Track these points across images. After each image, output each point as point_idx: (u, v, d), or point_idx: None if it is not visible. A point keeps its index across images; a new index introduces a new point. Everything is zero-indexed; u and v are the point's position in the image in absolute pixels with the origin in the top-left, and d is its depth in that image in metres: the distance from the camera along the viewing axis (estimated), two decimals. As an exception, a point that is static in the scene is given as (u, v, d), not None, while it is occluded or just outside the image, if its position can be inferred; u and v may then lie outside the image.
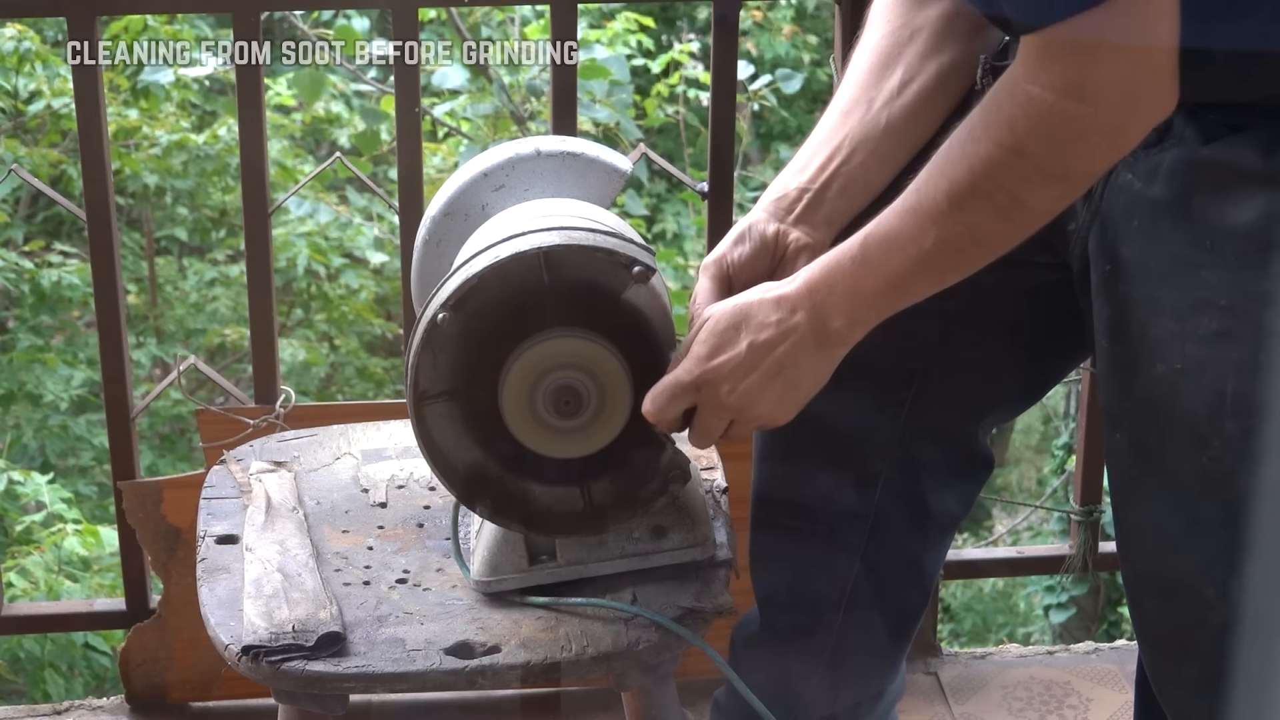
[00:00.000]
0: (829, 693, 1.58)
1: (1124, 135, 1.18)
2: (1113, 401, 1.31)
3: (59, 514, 3.98)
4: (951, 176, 1.22)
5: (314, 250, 5.37)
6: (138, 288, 5.88)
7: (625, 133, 4.65)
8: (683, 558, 1.43)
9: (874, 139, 1.41)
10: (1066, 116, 1.15)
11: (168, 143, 5.30)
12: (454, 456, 1.37)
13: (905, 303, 1.30)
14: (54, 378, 5.16)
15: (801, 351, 1.30)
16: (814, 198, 1.41)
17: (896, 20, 1.43)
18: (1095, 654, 2.35)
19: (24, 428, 5.11)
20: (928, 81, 1.41)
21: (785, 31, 6.65)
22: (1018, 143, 1.18)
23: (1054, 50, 1.15)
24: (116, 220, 2.10)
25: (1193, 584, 1.24)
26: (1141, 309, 1.25)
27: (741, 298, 1.33)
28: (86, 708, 2.24)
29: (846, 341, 1.31)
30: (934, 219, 1.23)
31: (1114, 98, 1.15)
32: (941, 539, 1.59)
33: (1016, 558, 2.47)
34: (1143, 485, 1.29)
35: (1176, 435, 1.23)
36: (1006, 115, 1.18)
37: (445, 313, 1.32)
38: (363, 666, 1.32)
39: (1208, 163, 1.22)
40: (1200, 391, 1.20)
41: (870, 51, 1.44)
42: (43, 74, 5.14)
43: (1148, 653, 1.34)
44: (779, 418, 1.34)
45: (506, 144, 1.51)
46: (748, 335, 1.31)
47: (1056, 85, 1.15)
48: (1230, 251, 1.19)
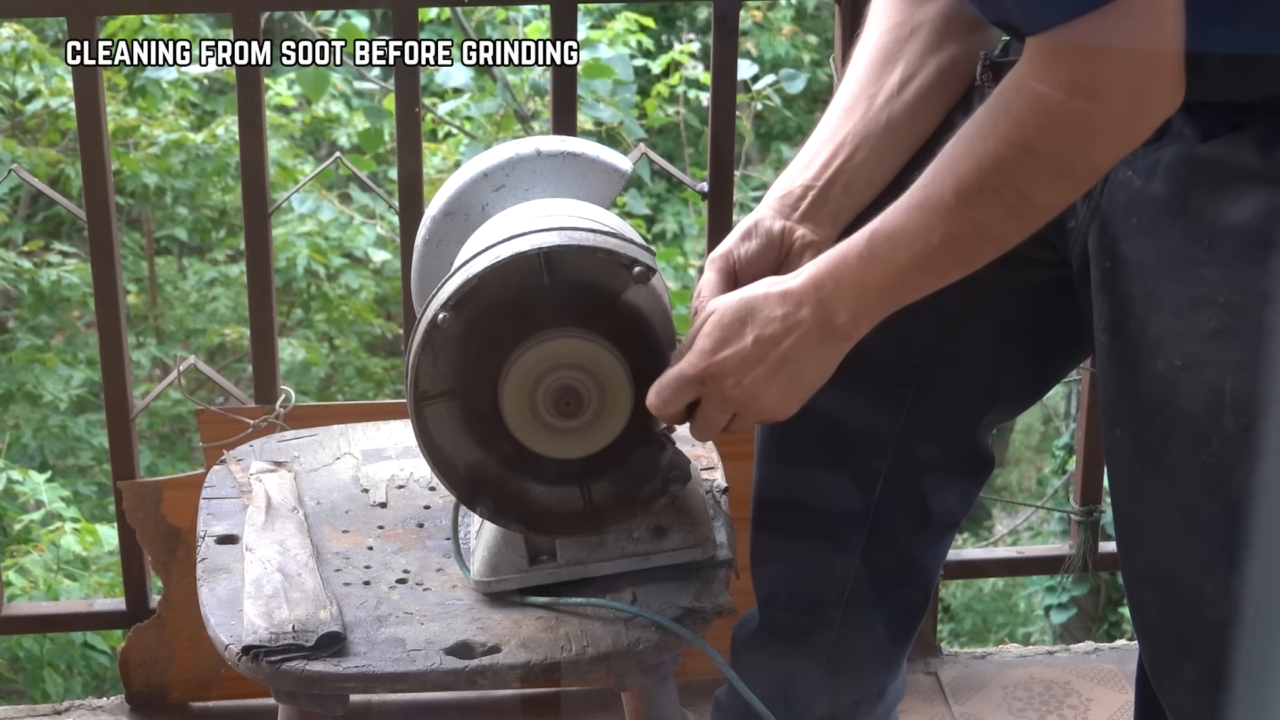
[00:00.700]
0: (829, 692, 1.58)
1: (1132, 131, 1.18)
2: (1112, 399, 1.31)
3: (57, 512, 3.98)
4: (959, 173, 1.22)
5: (314, 250, 5.37)
6: (137, 288, 5.87)
7: (629, 132, 4.65)
8: (683, 558, 1.43)
9: (876, 136, 1.41)
10: (1075, 114, 1.15)
11: (166, 142, 5.29)
12: (454, 457, 1.37)
13: (910, 298, 1.30)
14: (53, 378, 5.16)
15: (806, 346, 1.30)
16: (818, 195, 1.41)
17: (897, 17, 1.43)
18: (1095, 654, 2.35)
19: (23, 428, 5.11)
20: (929, 78, 1.41)
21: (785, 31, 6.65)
22: (1025, 140, 1.18)
23: (1060, 49, 1.15)
24: (116, 220, 2.09)
25: (1192, 581, 1.24)
26: (1141, 306, 1.26)
27: (747, 291, 1.33)
28: (86, 708, 2.24)
29: (851, 336, 1.31)
30: (941, 215, 1.24)
31: (1122, 94, 1.15)
32: (941, 538, 1.59)
33: (1016, 558, 2.47)
34: (1142, 482, 1.29)
35: (1176, 432, 1.23)
36: (1014, 114, 1.19)
37: (446, 313, 1.32)
38: (363, 666, 1.32)
39: (1206, 160, 1.22)
40: (1200, 388, 1.20)
41: (871, 48, 1.44)
42: (40, 73, 5.14)
43: (1147, 650, 1.34)
44: (781, 412, 1.34)
45: (506, 144, 1.51)
46: (754, 329, 1.31)
47: (1064, 83, 1.15)
48: (1228, 249, 1.20)
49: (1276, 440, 0.99)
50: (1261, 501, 0.92)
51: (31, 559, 3.88)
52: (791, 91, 4.84)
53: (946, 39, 1.41)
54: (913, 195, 1.26)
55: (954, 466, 1.54)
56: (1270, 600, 0.76)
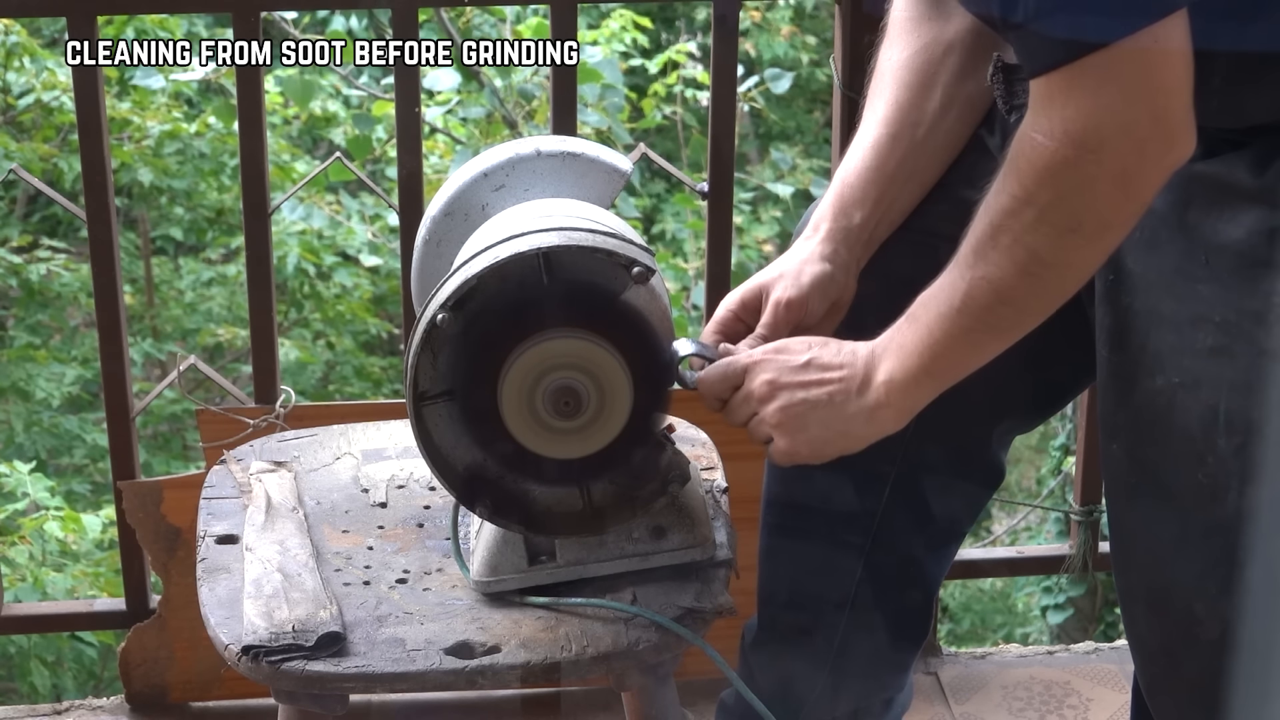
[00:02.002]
0: (835, 698, 1.58)
1: (1135, 183, 1.15)
2: (1110, 412, 1.30)
3: (40, 502, 3.97)
4: (976, 229, 1.21)
5: (305, 249, 5.36)
6: (133, 288, 5.87)
7: (617, 138, 4.64)
8: (682, 558, 1.43)
9: (921, 167, 1.42)
10: (1068, 164, 1.13)
11: (159, 133, 5.26)
12: (453, 457, 1.37)
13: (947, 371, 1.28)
14: (46, 375, 5.15)
15: (841, 391, 1.30)
16: (872, 234, 1.42)
17: (927, 35, 1.41)
18: (1095, 654, 2.35)
19: (14, 423, 5.10)
20: (966, 105, 1.40)
21: (784, 32, 6.64)
22: (1026, 192, 1.16)
23: (1052, 96, 1.13)
24: (116, 221, 2.09)
25: (1183, 599, 1.23)
26: (1143, 320, 1.25)
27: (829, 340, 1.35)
28: (86, 708, 2.24)
29: (883, 401, 1.30)
30: (963, 274, 1.23)
31: (1117, 144, 1.12)
32: (946, 545, 1.58)
33: (1016, 558, 2.47)
34: (1136, 497, 1.28)
35: (1172, 449, 1.23)
36: (1016, 164, 1.17)
37: (445, 313, 1.32)
38: (363, 666, 1.32)
39: (1201, 177, 1.21)
40: (1197, 406, 1.20)
41: (906, 69, 1.42)
42: (31, 68, 5.12)
43: (1140, 664, 1.34)
44: (791, 440, 1.34)
45: (507, 144, 1.51)
46: (813, 351, 1.33)
47: (1056, 132, 1.13)
48: (1224, 267, 1.19)
49: (1269, 462, 0.99)
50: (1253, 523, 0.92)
51: (17, 550, 3.87)
52: (777, 92, 4.83)
53: (980, 60, 1.39)
54: (954, 256, 1.25)
55: (962, 474, 1.54)
56: (1262, 622, 0.75)
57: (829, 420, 1.31)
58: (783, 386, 1.32)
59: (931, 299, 1.26)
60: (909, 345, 1.27)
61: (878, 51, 1.46)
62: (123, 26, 4.96)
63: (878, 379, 1.29)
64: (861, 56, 2.06)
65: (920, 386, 1.29)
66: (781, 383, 1.32)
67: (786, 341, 1.35)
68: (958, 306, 1.23)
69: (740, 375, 1.35)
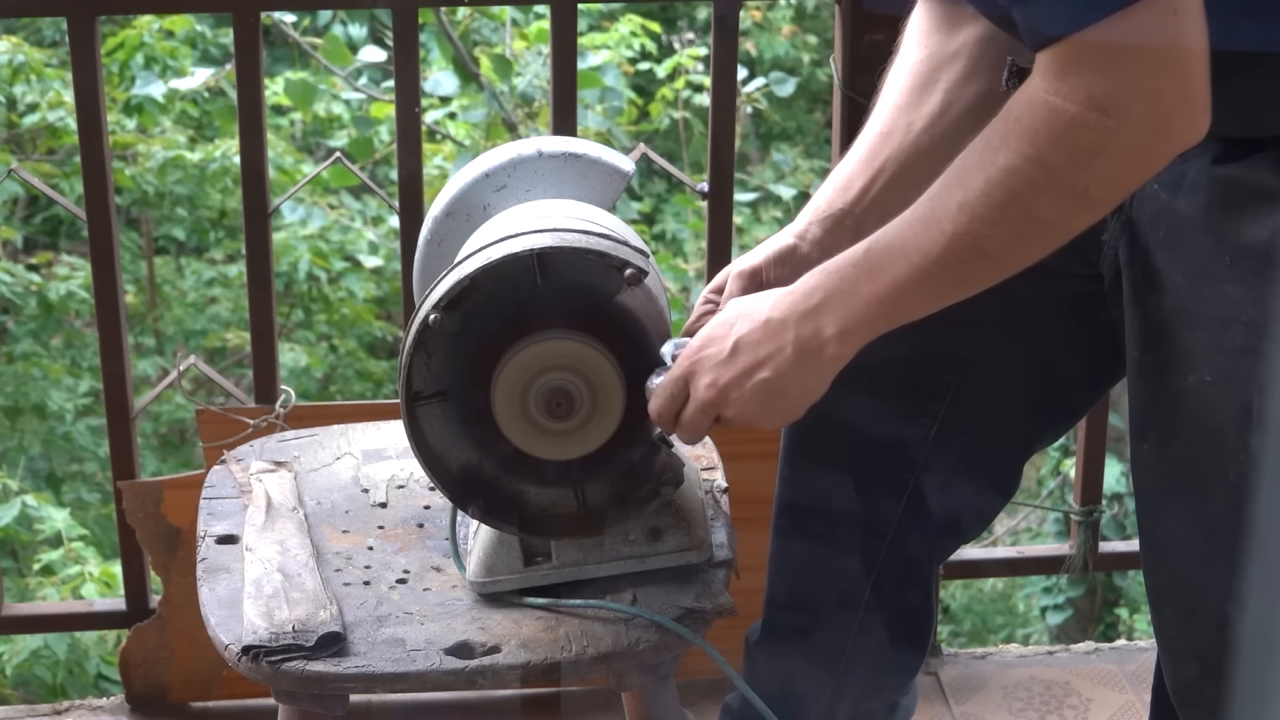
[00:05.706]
0: (841, 701, 1.57)
1: (1149, 155, 1.15)
2: (1141, 412, 1.29)
3: (77, 552, 3.95)
4: (966, 186, 1.19)
5: (315, 254, 5.36)
6: (135, 288, 5.86)
7: (616, 141, 4.64)
8: (679, 560, 1.43)
9: (914, 162, 1.40)
10: (1089, 128, 1.12)
11: (164, 160, 5.26)
12: (447, 457, 1.37)
13: (901, 318, 1.26)
14: (59, 388, 5.13)
15: (784, 357, 1.27)
16: (856, 221, 1.40)
17: (934, 45, 1.41)
18: (1095, 654, 2.35)
19: (30, 441, 5.08)
20: (967, 106, 1.39)
21: (785, 31, 6.64)
22: (1039, 153, 1.15)
23: (1076, 61, 1.12)
24: (116, 221, 2.09)
25: (1213, 600, 1.22)
26: (1173, 319, 1.24)
27: (745, 298, 1.32)
28: (86, 708, 2.24)
29: (838, 353, 1.27)
30: (943, 229, 1.20)
31: (1140, 113, 1.12)
32: (950, 550, 1.59)
33: (1016, 558, 2.47)
34: (1168, 497, 1.27)
35: (1204, 448, 1.22)
36: (1027, 127, 1.15)
37: (438, 313, 1.32)
38: (363, 666, 1.32)
39: (1225, 178, 1.21)
40: (1229, 404, 1.19)
41: (907, 74, 1.42)
42: (37, 86, 5.12)
43: (1169, 666, 1.33)
44: (766, 421, 1.31)
45: (509, 144, 1.51)
46: (736, 332, 1.29)
47: (1079, 96, 1.12)
48: (1249, 268, 1.19)
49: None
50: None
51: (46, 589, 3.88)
52: (781, 95, 4.83)
53: (983, 66, 1.39)
54: (917, 209, 1.23)
55: (978, 483, 1.53)
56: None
57: (784, 389, 1.28)
58: (728, 384, 1.29)
59: (898, 250, 1.23)
60: (865, 295, 1.24)
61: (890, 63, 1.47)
62: (133, 51, 4.96)
63: (828, 332, 1.25)
64: (862, 56, 2.06)
65: (875, 332, 1.27)
66: (724, 381, 1.29)
67: (706, 332, 1.31)
68: (934, 259, 1.21)
69: (681, 386, 1.31)
